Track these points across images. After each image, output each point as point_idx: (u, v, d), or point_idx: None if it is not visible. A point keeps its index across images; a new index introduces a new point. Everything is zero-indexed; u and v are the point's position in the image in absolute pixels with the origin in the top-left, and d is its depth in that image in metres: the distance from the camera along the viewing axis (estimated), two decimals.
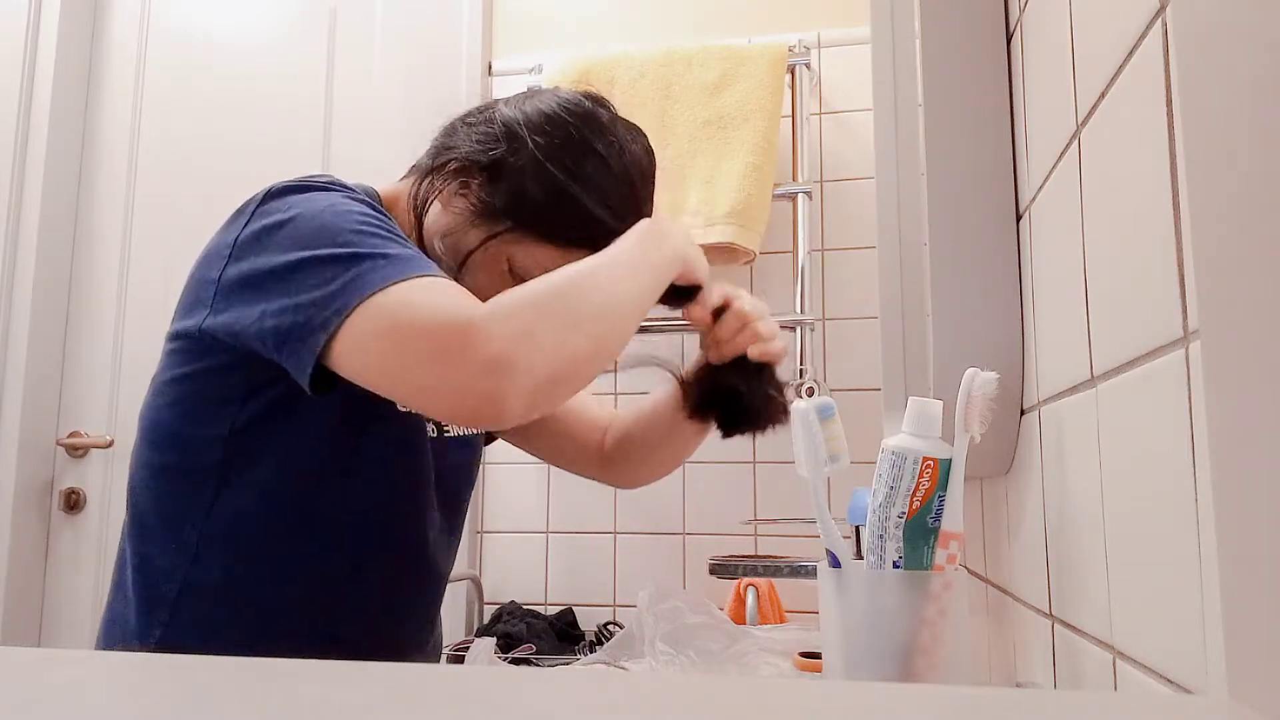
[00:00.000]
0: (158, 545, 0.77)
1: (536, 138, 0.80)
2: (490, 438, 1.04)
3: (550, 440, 1.03)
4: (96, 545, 1.92)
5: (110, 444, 1.93)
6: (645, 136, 0.87)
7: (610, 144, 0.81)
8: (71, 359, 1.99)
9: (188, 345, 0.76)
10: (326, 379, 0.70)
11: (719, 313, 0.86)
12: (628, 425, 1.01)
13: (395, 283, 0.67)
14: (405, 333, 0.66)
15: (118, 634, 0.78)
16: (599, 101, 0.85)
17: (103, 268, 2.01)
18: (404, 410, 0.80)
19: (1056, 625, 0.62)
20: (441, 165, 0.83)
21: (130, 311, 1.99)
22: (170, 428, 0.78)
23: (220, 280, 0.74)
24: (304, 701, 0.29)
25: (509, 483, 1.78)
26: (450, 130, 0.86)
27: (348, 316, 0.66)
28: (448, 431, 0.88)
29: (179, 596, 0.75)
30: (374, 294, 0.67)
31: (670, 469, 1.04)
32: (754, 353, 0.86)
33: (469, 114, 0.86)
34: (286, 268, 0.70)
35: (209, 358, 0.75)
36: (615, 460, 1.02)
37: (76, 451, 1.96)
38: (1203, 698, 0.37)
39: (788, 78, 1.72)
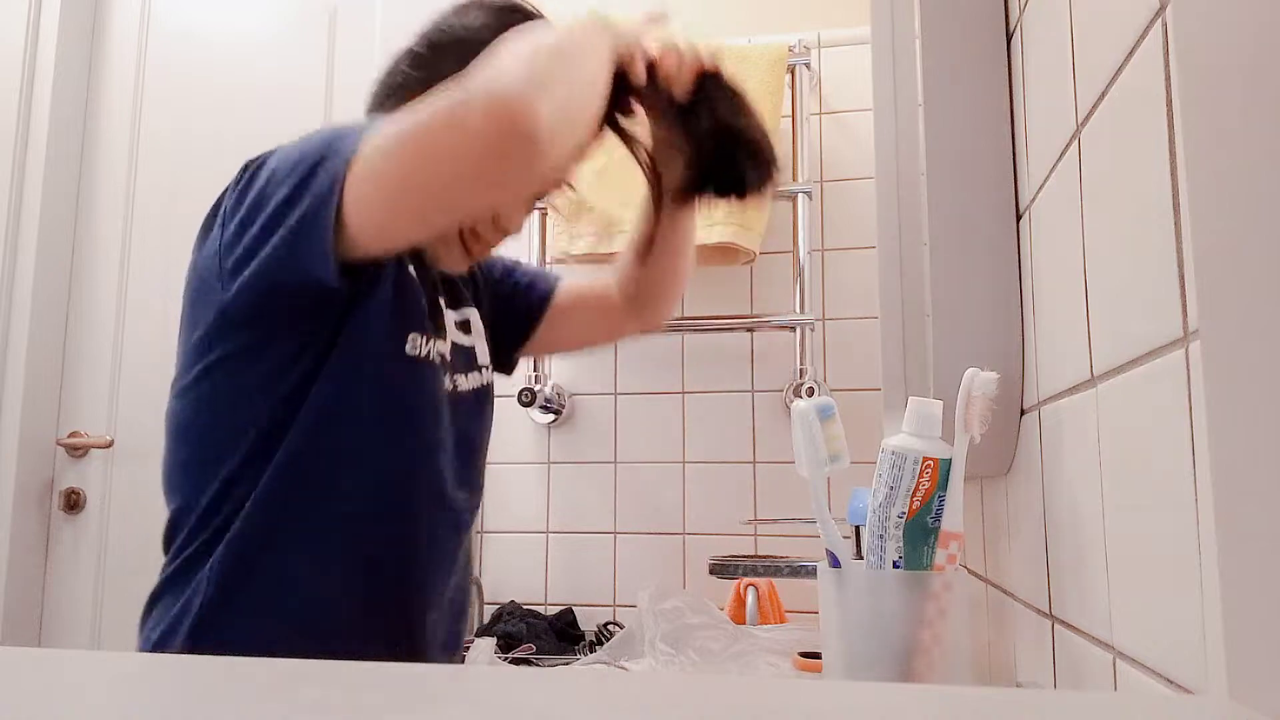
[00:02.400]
0: (191, 534, 0.80)
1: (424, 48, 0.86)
2: (509, 364, 1.07)
3: (577, 323, 1.07)
4: (96, 545, 1.92)
5: (110, 444, 1.93)
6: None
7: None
8: (71, 359, 1.99)
9: (212, 331, 0.78)
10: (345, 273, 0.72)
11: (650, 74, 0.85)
12: (629, 263, 1.05)
13: (361, 133, 0.71)
14: (406, 139, 0.69)
15: (167, 623, 0.79)
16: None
17: (103, 268, 2.01)
18: (413, 354, 0.82)
19: (1056, 625, 0.62)
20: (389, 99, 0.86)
21: (130, 311, 1.99)
22: (204, 419, 0.80)
23: (221, 250, 0.77)
24: (303, 702, 0.29)
25: (509, 483, 1.79)
26: (383, 80, 0.89)
27: (345, 178, 0.69)
28: (459, 387, 0.90)
29: (213, 575, 0.77)
30: (358, 148, 0.70)
31: (684, 278, 1.07)
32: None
33: (389, 68, 0.89)
34: (271, 200, 0.73)
35: (234, 338, 0.77)
36: (637, 298, 1.06)
37: (76, 451, 1.96)
38: (1203, 698, 0.37)
39: (788, 78, 1.72)
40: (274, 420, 0.77)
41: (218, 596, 0.77)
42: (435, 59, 0.84)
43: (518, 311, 1.04)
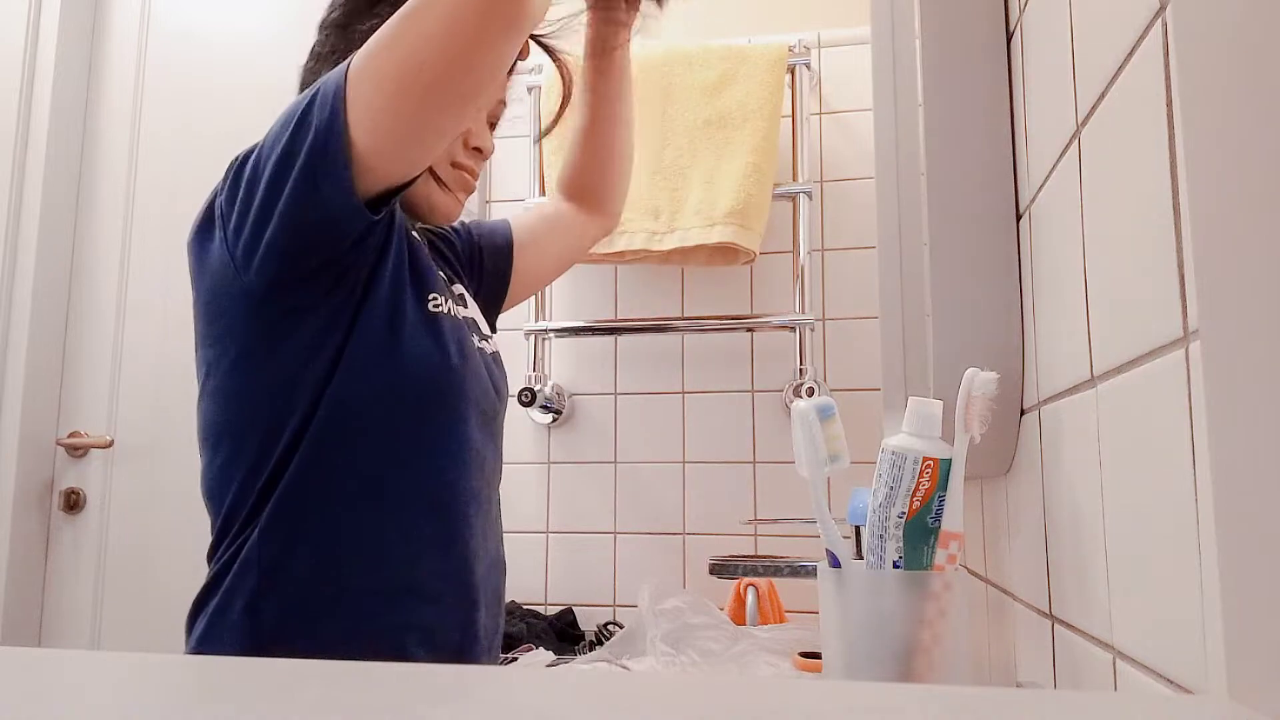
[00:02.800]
0: (240, 501, 0.78)
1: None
2: (498, 312, 1.09)
3: (544, 248, 1.09)
4: (96, 545, 1.92)
5: (110, 444, 1.93)
6: None
7: None
8: (71, 359, 1.99)
9: (234, 323, 0.78)
10: (369, 205, 0.74)
11: None
12: (571, 155, 1.09)
13: (358, 52, 0.72)
14: (395, 27, 0.70)
15: (209, 620, 0.78)
16: None
17: (103, 268, 2.01)
18: (438, 311, 0.83)
19: (1056, 625, 0.62)
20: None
21: (130, 311, 1.99)
22: (237, 404, 0.79)
23: (228, 237, 0.77)
24: (305, 702, 0.29)
25: (509, 483, 1.78)
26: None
27: (345, 94, 0.71)
28: (486, 350, 0.93)
29: (265, 530, 0.77)
30: (347, 73, 0.71)
31: (626, 157, 1.10)
32: None
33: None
34: (268, 167, 0.74)
35: (262, 319, 0.77)
36: (587, 190, 1.09)
37: (76, 451, 1.96)
38: (1203, 698, 0.37)
39: (788, 78, 1.72)
40: (308, 410, 0.77)
41: (265, 582, 0.76)
42: (354, 12, 0.86)
43: (490, 266, 1.06)
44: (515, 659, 1.24)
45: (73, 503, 1.94)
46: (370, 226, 0.75)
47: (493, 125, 0.94)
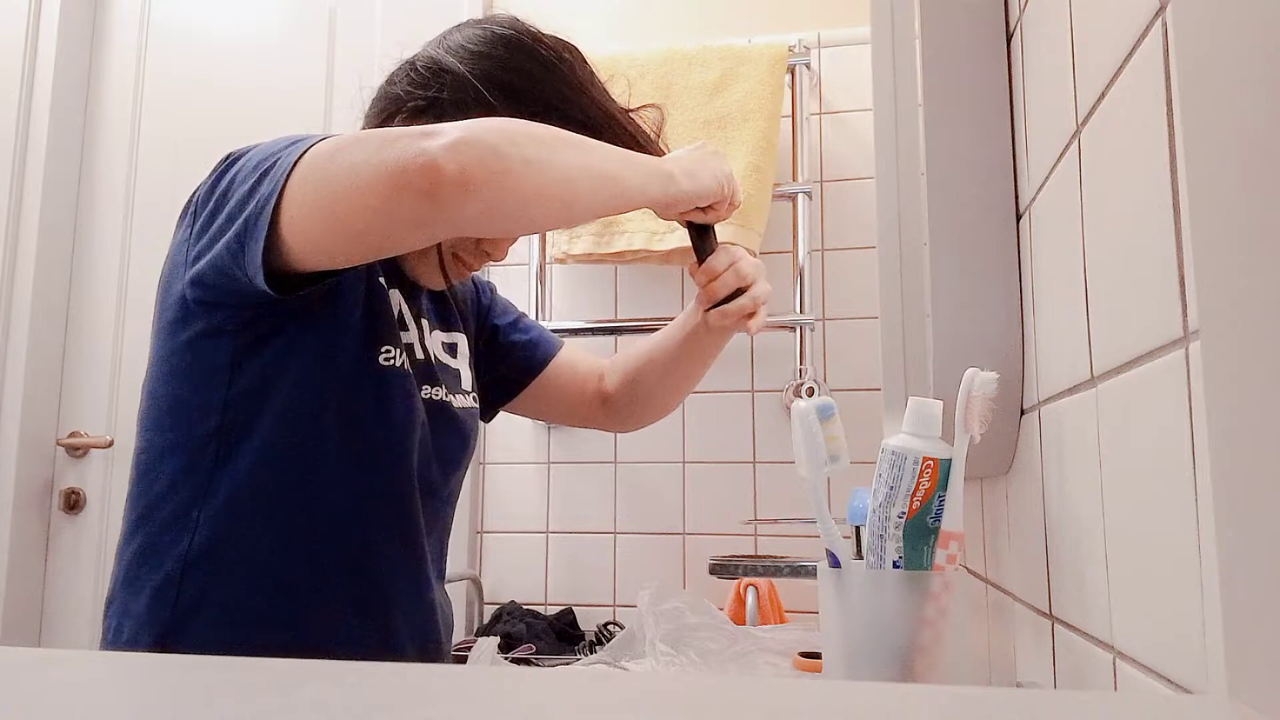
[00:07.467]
0: (158, 526, 0.78)
1: (469, 67, 0.82)
2: (489, 414, 1.06)
3: (544, 397, 1.06)
4: (96, 545, 1.92)
5: (110, 444, 1.93)
6: (572, 44, 0.88)
7: (540, 55, 0.83)
8: (71, 359, 1.99)
9: (175, 317, 0.80)
10: (287, 282, 0.72)
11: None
12: (638, 358, 1.04)
13: (319, 140, 0.71)
14: (332, 163, 0.69)
15: (127, 627, 0.78)
16: (517, 23, 0.87)
17: (103, 268, 2.01)
18: (388, 365, 0.81)
19: (1056, 625, 0.62)
20: (385, 122, 0.85)
21: (130, 311, 1.99)
22: (166, 403, 0.80)
23: (190, 239, 0.78)
24: (304, 702, 0.29)
25: (509, 483, 1.79)
26: (380, 97, 0.88)
27: (285, 186, 0.69)
28: (452, 400, 0.90)
29: (183, 574, 0.76)
30: (303, 155, 0.70)
31: (679, 400, 1.08)
32: (755, 327, 0.92)
33: (389, 77, 0.88)
34: (235, 194, 0.73)
35: (192, 325, 0.78)
36: (621, 398, 1.05)
37: (76, 451, 1.96)
38: (1203, 698, 0.37)
39: (788, 78, 1.72)
40: (228, 421, 0.77)
41: (181, 614, 0.76)
42: (433, 82, 0.83)
43: (511, 367, 1.03)
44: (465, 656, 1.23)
45: (73, 503, 1.94)
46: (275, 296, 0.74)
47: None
